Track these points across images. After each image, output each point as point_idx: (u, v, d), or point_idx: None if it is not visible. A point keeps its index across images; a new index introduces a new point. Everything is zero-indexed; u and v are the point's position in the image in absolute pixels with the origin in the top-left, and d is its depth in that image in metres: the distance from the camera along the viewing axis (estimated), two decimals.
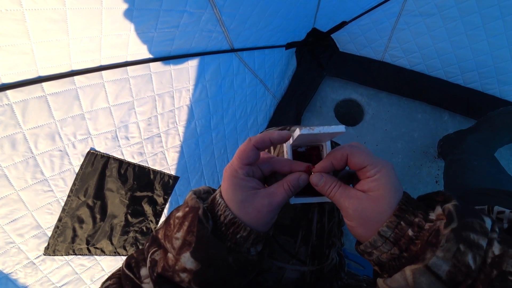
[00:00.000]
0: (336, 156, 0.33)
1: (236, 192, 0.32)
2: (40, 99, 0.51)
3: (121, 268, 0.37)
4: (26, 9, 0.41)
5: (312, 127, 0.32)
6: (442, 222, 0.27)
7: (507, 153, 1.25)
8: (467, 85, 1.20)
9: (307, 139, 0.36)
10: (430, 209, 0.30)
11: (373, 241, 0.30)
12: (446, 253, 0.25)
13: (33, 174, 0.55)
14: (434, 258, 0.25)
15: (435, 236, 0.27)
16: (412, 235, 0.28)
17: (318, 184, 0.34)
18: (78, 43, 0.51)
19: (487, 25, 1.00)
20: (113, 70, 0.60)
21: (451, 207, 0.28)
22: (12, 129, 0.50)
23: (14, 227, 0.55)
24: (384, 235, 0.29)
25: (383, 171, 0.31)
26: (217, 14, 0.71)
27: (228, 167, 0.34)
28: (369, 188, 0.31)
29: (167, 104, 0.76)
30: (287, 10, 0.95)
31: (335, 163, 0.34)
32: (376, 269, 0.33)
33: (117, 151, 0.69)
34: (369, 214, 0.30)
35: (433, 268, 0.25)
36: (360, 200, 0.31)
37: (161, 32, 0.63)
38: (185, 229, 0.31)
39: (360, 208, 0.31)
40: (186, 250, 0.30)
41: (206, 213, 0.32)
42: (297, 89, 1.38)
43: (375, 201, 0.30)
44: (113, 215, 0.72)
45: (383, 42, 1.22)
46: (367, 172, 0.31)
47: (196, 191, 0.36)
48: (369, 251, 0.31)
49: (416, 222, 0.29)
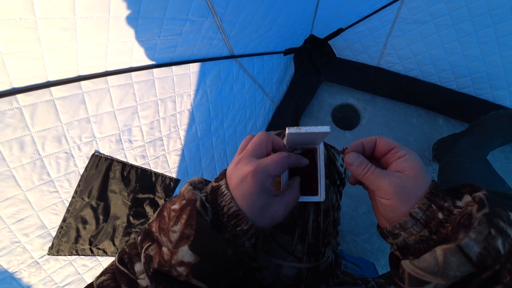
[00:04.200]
0: (366, 139, 0.36)
1: (260, 198, 0.32)
2: (48, 103, 0.54)
3: (113, 263, 0.36)
4: (38, 18, 0.44)
5: (300, 127, 0.34)
6: (474, 207, 0.28)
7: (500, 155, 1.27)
8: (461, 90, 1.23)
9: (298, 139, 0.38)
10: (456, 199, 0.32)
11: (403, 222, 0.31)
12: (478, 235, 0.26)
13: (39, 175, 0.57)
14: (466, 239, 0.26)
15: (467, 218, 0.28)
16: (442, 218, 0.29)
17: (354, 163, 0.35)
18: (86, 49, 0.53)
19: (478, 32, 1.03)
20: (118, 75, 0.63)
21: (482, 195, 0.29)
22: (21, 132, 0.52)
23: (20, 226, 0.57)
24: (415, 216, 0.30)
25: (412, 153, 0.33)
26: (218, 22, 0.74)
27: (255, 171, 0.32)
28: (404, 168, 0.32)
29: (169, 108, 0.79)
30: (285, 17, 0.98)
31: (365, 144, 0.36)
32: (397, 254, 0.34)
33: (120, 154, 0.71)
34: (410, 190, 0.31)
35: (464, 248, 0.26)
36: (400, 178, 0.32)
37: (164, 39, 0.66)
38: (183, 223, 0.30)
39: (402, 185, 0.31)
40: (184, 244, 0.29)
41: (204, 205, 0.32)
42: (295, 94, 1.41)
43: (414, 178, 0.31)
44: (115, 216, 0.74)
45: (379, 48, 1.26)
46: (397, 152, 0.33)
47: (191, 182, 0.36)
48: (396, 233, 0.32)
49: (446, 207, 0.30)
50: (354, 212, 1.32)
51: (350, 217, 1.32)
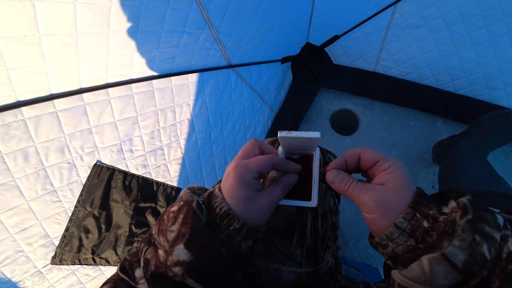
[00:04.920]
0: (349, 154, 0.36)
1: (242, 189, 0.34)
2: (52, 115, 0.56)
3: (116, 272, 0.38)
4: (42, 34, 0.46)
5: (291, 132, 0.35)
6: (458, 214, 0.28)
7: (500, 155, 1.27)
8: (458, 92, 1.24)
9: (292, 144, 0.40)
10: (443, 204, 0.32)
11: (389, 233, 0.31)
12: (462, 242, 0.26)
13: (43, 185, 0.58)
14: (451, 247, 0.26)
15: (451, 226, 0.28)
16: (428, 227, 0.29)
17: (335, 181, 0.36)
18: (87, 63, 0.56)
19: (472, 34, 1.04)
20: (118, 87, 0.65)
21: (465, 201, 0.29)
22: (25, 143, 0.54)
23: (23, 236, 0.58)
24: (400, 226, 0.30)
25: (397, 163, 0.33)
26: (214, 33, 0.77)
27: (236, 166, 0.35)
28: (387, 180, 0.33)
29: (169, 118, 0.80)
30: (281, 26, 1.00)
31: (348, 160, 0.36)
32: (389, 263, 0.34)
33: (122, 164, 0.72)
34: (391, 204, 0.31)
35: (449, 256, 0.26)
36: (381, 192, 0.32)
37: (163, 51, 0.68)
38: (180, 222, 0.32)
39: (381, 199, 0.32)
40: (180, 242, 0.30)
41: (200, 205, 0.33)
42: (294, 101, 1.42)
43: (395, 191, 0.31)
44: (117, 226, 0.75)
45: (375, 53, 1.28)
46: (381, 166, 0.33)
47: (190, 187, 0.38)
48: (384, 244, 0.32)
49: (431, 214, 0.30)
50: (356, 218, 1.31)
51: (352, 222, 1.31)
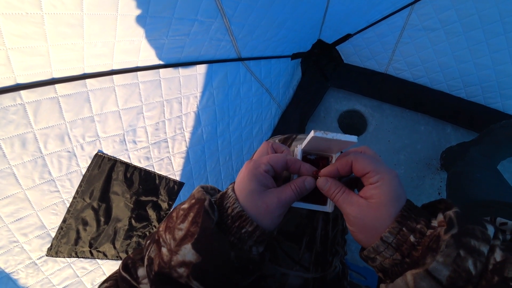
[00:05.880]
0: (342, 162, 0.34)
1: (251, 182, 0.33)
2: (52, 100, 0.53)
3: (118, 270, 0.36)
4: (45, 13, 0.43)
5: (326, 132, 0.32)
6: (443, 228, 0.28)
7: (510, 166, 1.24)
8: (470, 99, 1.21)
9: (319, 144, 0.37)
10: (433, 217, 0.31)
11: (376, 246, 0.30)
12: (446, 258, 0.25)
13: (40, 174, 0.56)
14: (434, 263, 0.26)
15: (435, 241, 0.27)
16: (414, 241, 0.29)
17: (323, 188, 0.35)
18: (92, 47, 0.53)
19: (490, 41, 1.01)
20: (124, 74, 0.62)
21: (452, 214, 0.28)
22: (23, 129, 0.51)
23: (18, 226, 0.55)
24: (386, 240, 0.29)
25: (385, 178, 0.31)
26: (227, 23, 0.73)
27: (249, 161, 0.35)
28: (371, 195, 0.31)
29: (175, 110, 0.77)
30: (294, 21, 0.97)
31: (340, 169, 0.34)
32: (380, 275, 0.33)
33: (124, 155, 0.69)
34: (368, 221, 0.31)
35: (433, 272, 0.26)
36: (361, 207, 0.31)
37: (172, 39, 0.65)
38: (190, 220, 0.30)
39: (360, 215, 0.31)
40: (187, 241, 0.29)
41: (212, 205, 0.32)
42: (302, 99, 1.39)
43: (375, 209, 0.30)
44: (117, 219, 0.72)
45: (387, 55, 1.24)
46: (369, 178, 0.32)
47: (203, 186, 0.37)
48: (372, 257, 0.31)
49: (418, 229, 0.29)
50: None
51: None
